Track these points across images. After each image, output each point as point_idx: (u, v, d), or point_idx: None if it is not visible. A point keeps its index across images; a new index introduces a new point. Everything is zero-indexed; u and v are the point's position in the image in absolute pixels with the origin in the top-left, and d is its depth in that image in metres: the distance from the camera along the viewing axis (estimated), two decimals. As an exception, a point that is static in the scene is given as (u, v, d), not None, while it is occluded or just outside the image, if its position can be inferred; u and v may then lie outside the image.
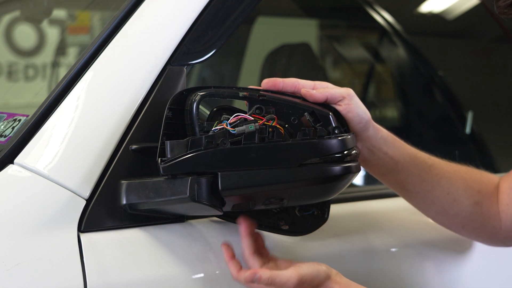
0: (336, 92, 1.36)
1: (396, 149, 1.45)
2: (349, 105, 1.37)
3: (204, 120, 1.31)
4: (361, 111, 1.38)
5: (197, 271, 1.33)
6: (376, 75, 3.30)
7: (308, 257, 1.44)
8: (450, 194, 1.51)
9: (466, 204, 1.52)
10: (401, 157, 1.46)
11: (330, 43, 3.71)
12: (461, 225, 1.55)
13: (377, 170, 1.48)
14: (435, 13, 2.94)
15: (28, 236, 1.22)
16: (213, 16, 1.42)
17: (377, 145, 1.43)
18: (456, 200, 1.51)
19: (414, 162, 1.47)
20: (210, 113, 1.33)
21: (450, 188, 1.51)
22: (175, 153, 1.24)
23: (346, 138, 1.33)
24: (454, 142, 2.61)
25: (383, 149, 1.44)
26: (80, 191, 1.28)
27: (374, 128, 1.42)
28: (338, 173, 1.30)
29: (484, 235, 1.57)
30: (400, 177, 1.48)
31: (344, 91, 1.37)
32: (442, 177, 1.50)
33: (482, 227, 1.55)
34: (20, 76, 3.77)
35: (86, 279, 1.23)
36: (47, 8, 2.24)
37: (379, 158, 1.45)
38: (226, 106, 1.33)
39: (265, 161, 1.27)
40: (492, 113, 2.71)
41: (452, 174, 1.51)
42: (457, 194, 1.51)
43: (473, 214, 1.53)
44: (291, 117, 1.33)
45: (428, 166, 1.49)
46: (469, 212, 1.52)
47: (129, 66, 1.37)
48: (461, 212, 1.52)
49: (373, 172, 1.49)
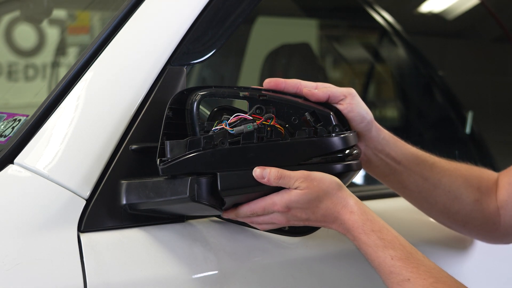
0: (338, 91, 1.37)
1: (398, 150, 1.46)
2: (350, 104, 1.37)
3: (205, 120, 1.31)
4: (363, 111, 1.38)
5: (197, 271, 1.33)
6: (376, 75, 3.30)
7: (308, 257, 1.44)
8: (451, 192, 1.51)
9: (467, 202, 1.52)
10: (403, 157, 1.46)
11: (330, 43, 3.71)
12: (462, 223, 1.55)
13: (380, 171, 1.48)
14: (435, 13, 2.94)
15: (28, 236, 1.22)
16: (213, 16, 1.42)
17: (379, 146, 1.44)
18: (457, 198, 1.51)
19: (415, 161, 1.48)
20: (210, 113, 1.33)
21: (451, 186, 1.51)
22: (175, 153, 1.24)
23: (347, 136, 1.33)
24: (454, 142, 2.61)
25: (385, 150, 1.44)
26: (80, 191, 1.28)
27: (377, 129, 1.42)
28: (338, 171, 1.30)
29: (485, 232, 1.58)
30: (402, 177, 1.48)
31: (346, 90, 1.37)
32: (443, 175, 1.51)
33: (482, 225, 1.55)
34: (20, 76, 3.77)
35: (86, 279, 1.23)
36: (47, 8, 2.24)
37: (381, 160, 1.45)
38: (226, 106, 1.34)
39: (264, 160, 1.27)
40: (492, 113, 2.71)
41: (453, 172, 1.52)
42: (458, 192, 1.51)
43: (474, 212, 1.53)
44: (291, 117, 1.33)
45: (429, 165, 1.49)
46: (470, 210, 1.53)
47: (129, 66, 1.37)
48: (462, 210, 1.53)
49: (375, 173, 1.49)
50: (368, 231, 1.25)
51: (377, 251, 1.24)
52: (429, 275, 1.22)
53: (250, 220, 1.32)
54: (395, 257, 1.23)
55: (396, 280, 1.23)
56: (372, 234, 1.25)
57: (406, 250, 1.24)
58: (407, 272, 1.22)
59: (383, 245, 1.24)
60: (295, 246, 1.44)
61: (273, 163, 1.27)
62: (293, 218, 1.29)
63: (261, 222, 1.31)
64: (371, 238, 1.25)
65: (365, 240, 1.25)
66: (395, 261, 1.23)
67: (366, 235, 1.25)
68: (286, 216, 1.29)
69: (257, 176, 1.25)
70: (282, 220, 1.30)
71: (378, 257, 1.24)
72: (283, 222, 1.30)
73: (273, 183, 1.25)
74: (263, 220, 1.31)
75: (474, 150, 2.51)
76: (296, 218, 1.29)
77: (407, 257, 1.24)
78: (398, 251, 1.24)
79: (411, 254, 1.24)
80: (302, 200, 1.26)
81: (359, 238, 1.26)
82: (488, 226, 1.55)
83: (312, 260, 1.44)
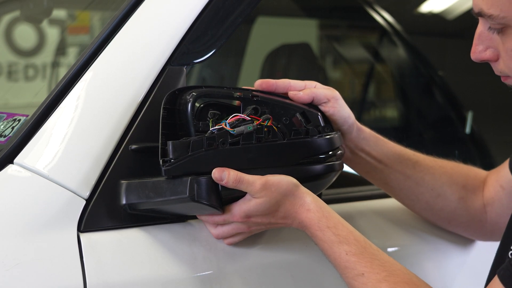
0: (322, 93, 1.40)
1: (379, 148, 1.49)
2: (333, 108, 1.40)
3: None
4: (346, 114, 1.42)
5: (197, 271, 1.33)
6: (376, 75, 3.30)
7: (308, 257, 1.44)
8: (434, 189, 1.54)
9: (451, 199, 1.55)
10: (384, 155, 1.50)
11: (330, 43, 3.71)
12: (447, 220, 1.58)
13: (361, 168, 1.52)
14: (435, 13, 2.94)
15: (28, 236, 1.22)
16: (213, 16, 1.42)
17: (359, 146, 1.47)
18: (440, 195, 1.54)
19: (397, 160, 1.51)
20: (196, 110, 1.33)
21: (434, 184, 1.54)
22: (178, 154, 1.24)
23: (337, 137, 1.37)
24: (454, 142, 2.61)
25: (365, 149, 1.48)
26: (80, 191, 1.28)
27: (357, 130, 1.46)
28: (322, 172, 1.33)
29: (471, 229, 1.60)
30: (383, 175, 1.52)
31: (330, 93, 1.40)
32: (426, 173, 1.53)
33: (468, 222, 1.58)
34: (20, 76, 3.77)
35: (85, 279, 1.23)
36: (47, 8, 2.24)
37: (361, 158, 1.49)
38: (212, 101, 1.35)
39: (262, 160, 1.28)
40: (492, 113, 2.70)
41: (437, 170, 1.54)
42: (441, 189, 1.54)
43: (458, 209, 1.56)
44: (282, 117, 1.35)
45: (412, 163, 1.52)
46: (454, 207, 1.56)
47: (129, 66, 1.37)
48: (446, 207, 1.55)
49: (357, 170, 1.53)
50: (324, 227, 1.27)
51: (332, 247, 1.26)
52: (382, 269, 1.24)
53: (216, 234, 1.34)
54: (349, 252, 1.25)
55: (351, 275, 1.25)
56: (327, 230, 1.27)
57: (360, 245, 1.26)
58: (361, 266, 1.24)
59: (338, 240, 1.26)
60: (295, 246, 1.44)
61: (271, 163, 1.29)
62: (254, 224, 1.32)
63: (224, 235, 1.33)
64: (326, 234, 1.27)
65: (321, 236, 1.27)
66: (349, 256, 1.25)
67: (322, 232, 1.27)
68: (247, 224, 1.31)
69: (216, 178, 1.25)
70: (244, 228, 1.32)
71: (333, 252, 1.27)
72: (245, 230, 1.32)
73: (231, 186, 1.26)
74: (224, 232, 1.33)
75: (474, 150, 2.51)
76: (257, 224, 1.31)
77: (361, 252, 1.26)
78: (353, 246, 1.26)
79: (365, 249, 1.26)
80: (262, 208, 1.29)
81: (316, 235, 1.28)
82: (474, 224, 1.58)
83: (312, 260, 1.44)
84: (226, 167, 1.25)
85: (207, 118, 1.33)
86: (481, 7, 1.19)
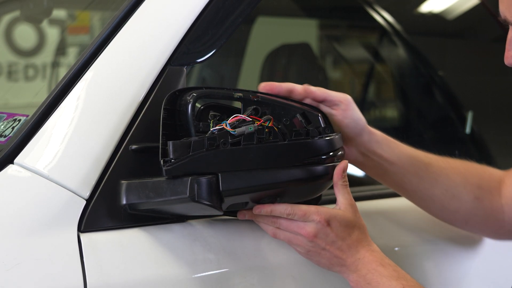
0: (335, 96, 1.41)
1: (391, 151, 1.48)
2: (345, 111, 1.41)
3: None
4: (358, 118, 1.42)
5: (197, 271, 1.33)
6: (376, 75, 3.30)
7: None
8: (449, 190, 1.53)
9: (466, 199, 1.54)
10: (396, 158, 1.49)
11: (330, 43, 3.70)
12: (464, 220, 1.57)
13: (374, 171, 1.51)
14: (435, 13, 2.94)
15: (28, 236, 1.22)
16: (213, 16, 1.42)
17: (371, 149, 1.47)
18: (455, 196, 1.53)
19: (410, 162, 1.50)
20: (197, 112, 1.33)
21: (448, 185, 1.53)
22: (178, 154, 1.24)
23: (338, 138, 1.37)
24: (454, 142, 2.61)
25: (377, 152, 1.47)
26: (80, 191, 1.28)
27: (369, 133, 1.45)
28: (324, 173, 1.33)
29: (488, 229, 1.59)
30: (396, 177, 1.51)
31: (343, 96, 1.41)
32: (439, 174, 1.52)
33: (485, 222, 1.56)
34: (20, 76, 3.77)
35: (86, 279, 1.23)
36: (47, 8, 2.24)
37: (373, 161, 1.48)
38: (212, 103, 1.35)
39: (263, 161, 1.28)
40: (492, 113, 2.70)
41: (450, 171, 1.54)
42: (456, 190, 1.53)
43: (475, 209, 1.55)
44: (283, 118, 1.35)
45: (425, 165, 1.52)
46: (470, 208, 1.54)
47: (129, 66, 1.37)
48: (462, 207, 1.54)
49: (370, 173, 1.52)
50: (386, 264, 1.33)
51: (391, 280, 1.31)
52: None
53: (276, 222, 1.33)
54: (406, 285, 1.31)
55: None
56: (389, 266, 1.33)
57: (415, 282, 1.33)
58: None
59: (397, 276, 1.32)
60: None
61: (272, 164, 1.28)
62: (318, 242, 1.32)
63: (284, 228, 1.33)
64: (388, 269, 1.33)
65: (382, 270, 1.32)
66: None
67: (384, 267, 1.33)
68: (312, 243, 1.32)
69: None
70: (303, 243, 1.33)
71: (390, 285, 1.31)
72: (302, 245, 1.33)
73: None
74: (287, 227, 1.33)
75: (474, 150, 2.51)
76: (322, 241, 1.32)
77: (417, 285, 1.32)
78: (410, 282, 1.32)
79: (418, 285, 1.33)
80: (345, 219, 1.32)
81: (376, 269, 1.32)
82: (491, 223, 1.57)
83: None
84: (227, 167, 1.25)
85: (208, 119, 1.33)
86: (505, 15, 1.21)
